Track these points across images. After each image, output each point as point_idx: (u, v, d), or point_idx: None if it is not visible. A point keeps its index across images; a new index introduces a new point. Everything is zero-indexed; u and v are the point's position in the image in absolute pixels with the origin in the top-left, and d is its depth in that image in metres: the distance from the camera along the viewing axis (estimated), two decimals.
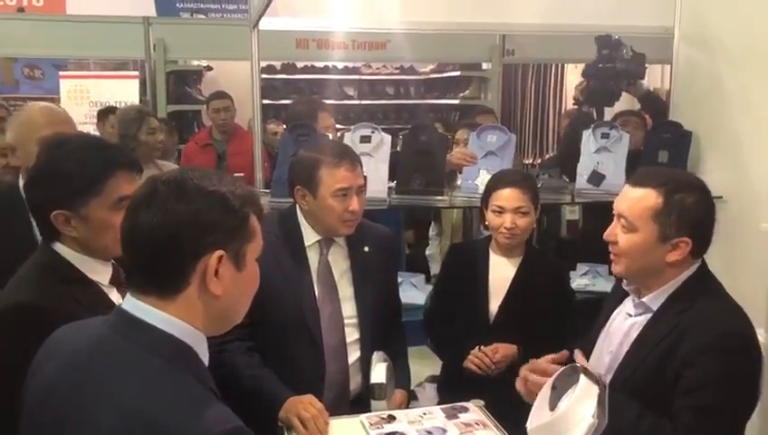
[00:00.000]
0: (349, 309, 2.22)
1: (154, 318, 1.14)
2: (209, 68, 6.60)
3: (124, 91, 5.96)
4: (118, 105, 4.98)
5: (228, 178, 1.24)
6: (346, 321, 2.22)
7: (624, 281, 1.82)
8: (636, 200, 1.69)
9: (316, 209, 2.15)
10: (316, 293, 2.18)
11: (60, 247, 1.63)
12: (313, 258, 2.22)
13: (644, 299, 1.74)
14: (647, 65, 3.42)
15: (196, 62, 6.25)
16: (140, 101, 5.63)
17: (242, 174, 3.34)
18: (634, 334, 1.74)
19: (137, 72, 6.10)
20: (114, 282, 1.68)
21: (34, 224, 1.71)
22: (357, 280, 2.24)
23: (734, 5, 3.15)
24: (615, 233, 1.74)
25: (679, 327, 1.63)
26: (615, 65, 3.23)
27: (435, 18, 3.50)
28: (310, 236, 2.21)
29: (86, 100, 5.95)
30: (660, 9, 3.45)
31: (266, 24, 3.10)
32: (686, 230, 1.64)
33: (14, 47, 5.38)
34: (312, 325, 2.16)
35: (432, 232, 4.08)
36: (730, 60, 3.20)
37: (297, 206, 2.23)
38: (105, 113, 4.86)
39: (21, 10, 6.06)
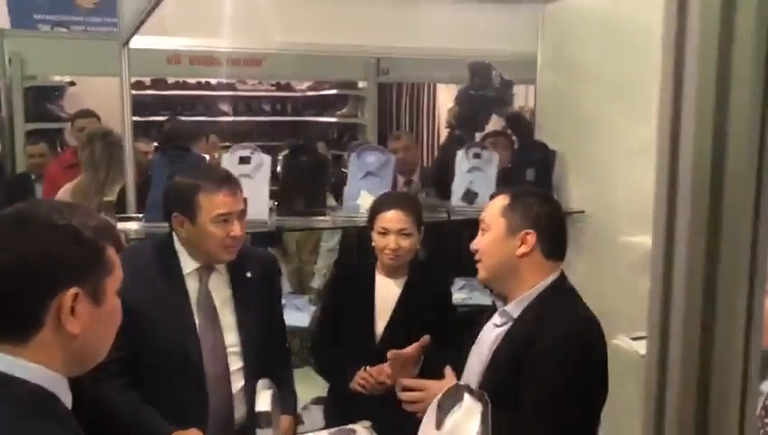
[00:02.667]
0: (231, 337, 2.17)
1: (6, 365, 1.06)
2: (72, 83, 6.24)
3: None
4: None
5: (81, 208, 1.18)
6: (229, 350, 2.16)
7: (491, 291, 1.94)
8: (491, 205, 1.89)
9: (195, 236, 2.09)
10: (196, 322, 2.12)
11: None
12: (192, 287, 2.15)
13: (506, 308, 1.86)
14: (514, 90, 3.61)
15: (57, 78, 5.89)
16: None
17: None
18: (496, 343, 1.84)
19: None
20: None
21: None
22: (239, 307, 2.20)
23: (590, 33, 3.40)
24: (476, 241, 1.87)
25: (532, 332, 1.76)
26: (485, 92, 3.40)
27: (311, 39, 3.51)
28: (188, 264, 2.14)
29: None
30: (525, 35, 3.66)
31: (137, 41, 2.99)
32: (529, 223, 1.81)
33: None
34: (193, 356, 2.09)
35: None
36: (588, 83, 3.45)
37: (174, 232, 2.15)
38: None
39: None
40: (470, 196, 3.34)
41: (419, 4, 3.71)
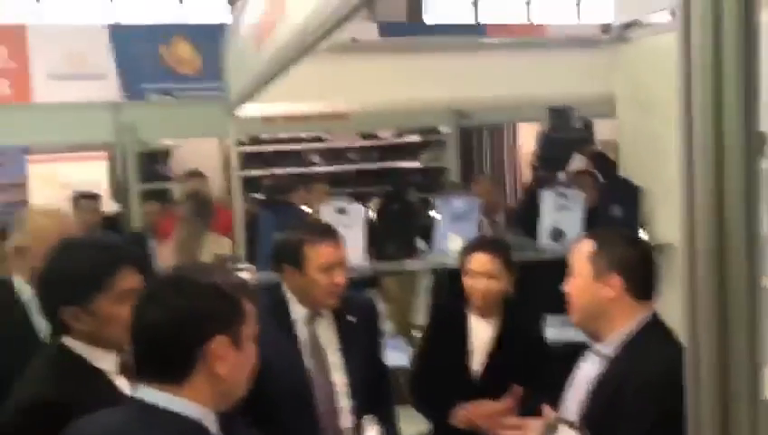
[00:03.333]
0: (339, 377, 2.36)
1: (167, 403, 1.28)
2: (177, 146, 6.76)
3: (93, 173, 6.07)
4: (91, 189, 5.10)
5: (220, 268, 1.43)
6: (337, 389, 2.35)
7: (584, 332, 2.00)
8: (577, 250, 1.93)
9: (303, 284, 2.30)
10: (306, 364, 2.32)
11: (69, 341, 1.73)
12: (302, 331, 2.35)
13: (600, 347, 1.90)
14: (594, 129, 3.69)
15: (164, 141, 6.39)
16: (111, 182, 5.74)
17: (223, 252, 3.47)
18: (594, 382, 1.88)
19: (105, 153, 6.23)
20: (122, 371, 1.80)
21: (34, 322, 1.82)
22: (345, 349, 2.38)
23: (667, 69, 3.45)
24: (566, 284, 1.95)
25: (627, 371, 1.79)
26: (566, 133, 3.50)
27: (394, 94, 3.73)
28: (297, 311, 2.35)
29: (55, 183, 6.02)
30: (602, 75, 3.75)
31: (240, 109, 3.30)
32: (615, 267, 1.84)
33: None
34: (307, 395, 2.28)
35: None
36: (668, 117, 3.49)
37: (283, 282, 2.37)
38: (78, 199, 4.96)
39: None
40: (557, 234, 3.42)
41: (496, 52, 3.87)
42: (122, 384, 1.77)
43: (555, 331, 3.53)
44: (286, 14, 1.76)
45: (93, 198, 5.09)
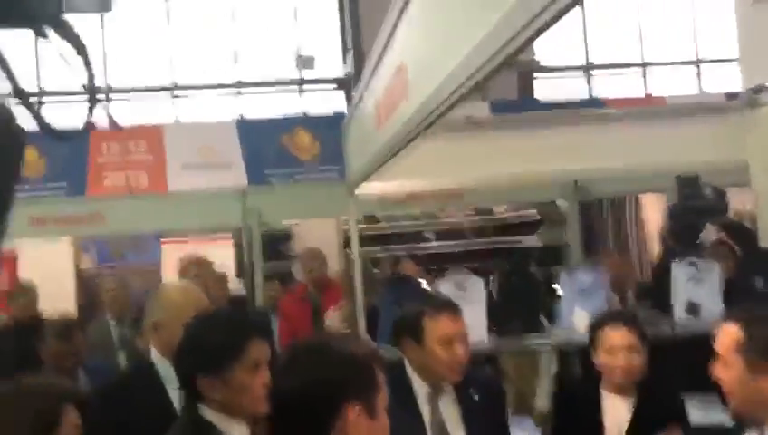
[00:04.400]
0: None
1: None
2: (296, 225, 7.03)
3: (221, 255, 6.39)
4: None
5: (352, 337, 1.45)
6: None
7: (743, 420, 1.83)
8: (724, 337, 1.77)
9: (423, 358, 2.26)
10: None
11: (203, 410, 1.78)
12: (424, 408, 2.30)
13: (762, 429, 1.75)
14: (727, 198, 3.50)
15: (286, 222, 6.68)
16: (237, 262, 6.02)
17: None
18: None
19: (230, 236, 6.57)
20: None
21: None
22: (469, 428, 2.30)
23: None
24: (716, 371, 1.79)
25: None
26: (697, 203, 3.34)
27: (510, 169, 3.71)
28: (419, 387, 2.31)
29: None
30: (732, 142, 3.57)
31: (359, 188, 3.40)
32: None
33: (123, 224, 5.91)
34: None
35: None
36: None
37: (405, 358, 2.35)
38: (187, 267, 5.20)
39: (129, 191, 6.68)
40: (693, 308, 3.22)
41: (616, 125, 3.79)
42: None
43: (699, 413, 3.26)
44: (409, 94, 1.83)
45: (220, 278, 5.32)
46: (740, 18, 3.61)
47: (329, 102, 8.60)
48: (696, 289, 3.27)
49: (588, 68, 9.12)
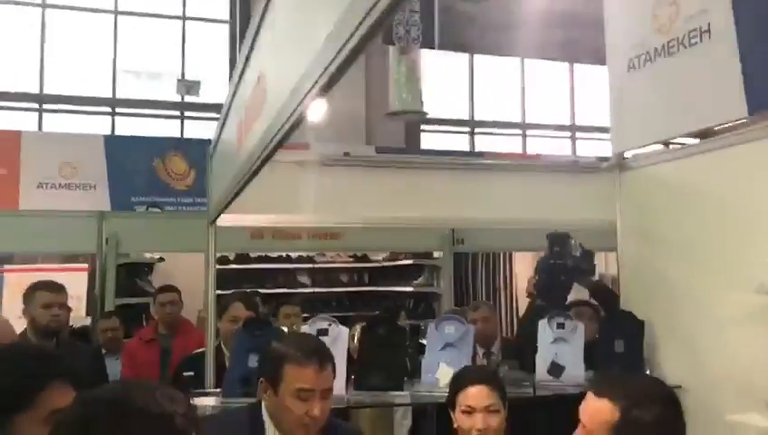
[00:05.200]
0: None
1: None
2: (161, 259, 6.58)
3: (72, 284, 5.83)
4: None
5: (172, 393, 1.14)
6: None
7: None
8: (594, 412, 1.67)
9: (276, 407, 2.01)
10: None
11: None
12: None
13: None
14: (595, 260, 3.54)
15: (148, 255, 6.22)
16: (89, 293, 5.50)
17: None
18: None
19: (86, 265, 6.03)
20: None
21: None
22: None
23: (670, 200, 3.35)
24: None
25: None
26: (566, 262, 3.35)
27: (388, 213, 3.60)
28: None
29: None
30: (602, 203, 3.64)
31: (224, 219, 3.14)
32: None
33: None
34: None
35: None
36: (672, 251, 3.34)
37: (261, 402, 2.08)
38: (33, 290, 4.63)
39: None
40: (556, 369, 3.17)
41: (494, 176, 3.79)
42: None
43: None
44: (265, 106, 1.64)
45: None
46: (612, 84, 3.75)
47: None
48: (561, 349, 3.24)
49: (471, 123, 9.39)
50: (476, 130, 9.39)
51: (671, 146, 3.78)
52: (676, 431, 1.65)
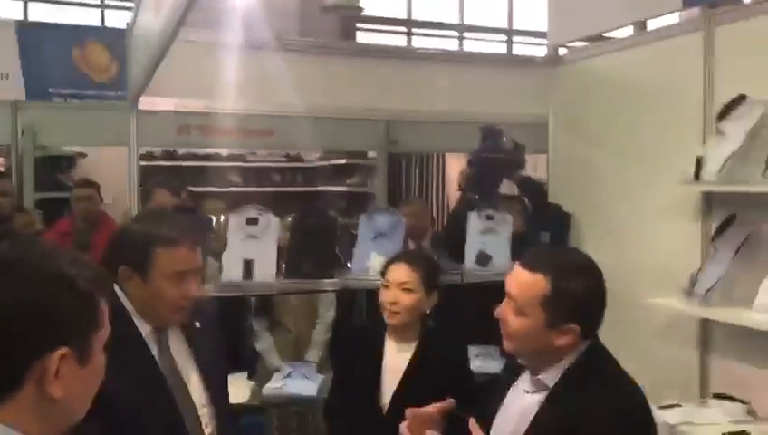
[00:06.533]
0: (198, 396, 1.89)
1: None
2: (83, 154, 6.29)
3: None
4: None
5: (74, 255, 1.05)
6: (200, 411, 1.88)
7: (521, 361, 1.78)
8: (525, 286, 1.67)
9: (145, 295, 1.80)
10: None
11: None
12: (153, 349, 1.83)
13: (540, 376, 1.70)
14: (526, 155, 3.57)
15: (68, 148, 5.93)
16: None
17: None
18: (531, 412, 1.69)
19: (0, 158, 5.72)
20: None
21: None
22: (199, 363, 1.91)
23: (600, 94, 3.38)
24: (505, 312, 1.71)
25: (577, 407, 1.59)
26: (497, 155, 3.36)
27: (320, 101, 3.50)
28: (140, 326, 1.82)
29: None
30: (535, 98, 3.65)
31: (146, 104, 2.98)
32: (572, 317, 1.62)
33: None
34: (174, 420, 1.81)
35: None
36: (600, 145, 3.40)
37: (121, 290, 1.82)
38: None
39: None
40: (484, 258, 3.24)
41: (429, 68, 3.73)
42: None
43: (476, 362, 3.33)
44: None
45: None
46: None
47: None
48: (488, 240, 3.29)
49: (408, 23, 9.20)
50: (413, 30, 9.21)
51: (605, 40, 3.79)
52: (600, 299, 1.69)
